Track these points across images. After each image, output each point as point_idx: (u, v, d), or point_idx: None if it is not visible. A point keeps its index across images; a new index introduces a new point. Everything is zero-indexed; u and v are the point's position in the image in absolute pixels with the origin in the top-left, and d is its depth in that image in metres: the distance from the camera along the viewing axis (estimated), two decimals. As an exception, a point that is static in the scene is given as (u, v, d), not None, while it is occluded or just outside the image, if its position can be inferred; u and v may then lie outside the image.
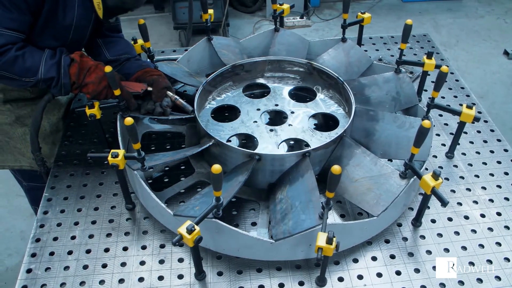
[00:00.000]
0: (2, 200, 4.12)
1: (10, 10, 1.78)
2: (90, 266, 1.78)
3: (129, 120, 1.66)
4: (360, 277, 1.73)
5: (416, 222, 1.91)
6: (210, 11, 2.52)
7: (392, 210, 1.84)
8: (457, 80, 2.69)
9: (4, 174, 2.69)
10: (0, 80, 1.97)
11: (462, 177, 2.11)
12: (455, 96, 2.56)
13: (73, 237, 1.89)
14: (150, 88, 2.14)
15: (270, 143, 2.11)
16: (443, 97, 2.53)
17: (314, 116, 2.29)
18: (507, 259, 1.78)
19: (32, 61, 1.88)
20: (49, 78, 1.92)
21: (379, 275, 1.74)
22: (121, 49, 2.30)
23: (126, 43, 2.37)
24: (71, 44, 2.03)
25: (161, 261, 1.80)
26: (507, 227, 1.90)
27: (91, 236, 1.89)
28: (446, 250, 1.82)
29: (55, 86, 1.96)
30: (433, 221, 1.93)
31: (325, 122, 2.31)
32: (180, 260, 1.80)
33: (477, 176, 2.12)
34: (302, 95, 2.46)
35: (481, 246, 1.83)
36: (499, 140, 2.29)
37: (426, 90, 2.48)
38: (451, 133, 2.27)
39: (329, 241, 1.53)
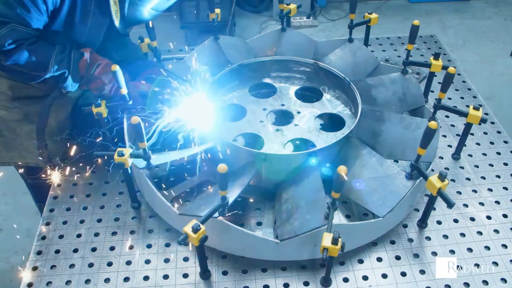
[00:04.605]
0: (8, 197, 4.13)
1: (27, 9, 1.82)
2: (96, 264, 1.79)
3: (135, 119, 1.67)
4: (365, 278, 1.73)
5: (422, 223, 1.90)
6: (217, 10, 2.52)
7: (397, 211, 1.84)
8: (464, 81, 2.68)
9: (10, 171, 2.69)
10: (11, 74, 2.01)
11: (468, 179, 2.11)
12: (462, 97, 2.55)
13: (78, 235, 1.90)
14: (156, 89, 2.15)
15: (276, 143, 2.11)
16: (449, 98, 2.52)
17: (320, 116, 2.29)
18: (513, 261, 1.78)
19: (43, 56, 1.91)
20: (59, 72, 1.95)
21: (384, 276, 1.74)
22: (129, 50, 2.32)
23: (133, 45, 2.40)
24: (85, 46, 2.06)
25: (166, 260, 1.80)
26: (513, 229, 1.89)
27: (96, 234, 1.90)
28: (452, 251, 1.81)
29: (64, 80, 1.98)
30: (439, 222, 1.92)
31: (331, 122, 2.31)
32: (185, 259, 1.81)
33: (483, 177, 2.11)
34: (308, 95, 2.45)
35: (487, 248, 1.82)
36: (505, 142, 2.28)
37: (432, 91, 2.48)
38: (458, 135, 2.26)
39: (334, 241, 1.53)
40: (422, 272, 1.75)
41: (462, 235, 1.87)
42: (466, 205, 1.99)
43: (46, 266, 1.79)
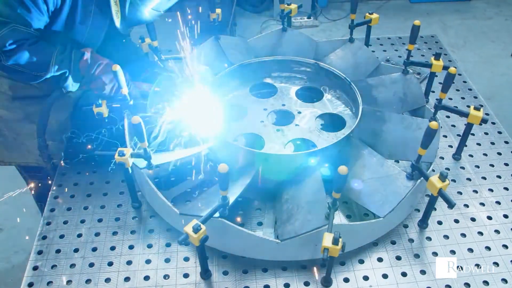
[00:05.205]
0: (8, 197, 4.12)
1: (28, 9, 1.82)
2: (96, 264, 1.79)
3: (136, 119, 1.67)
4: (365, 278, 1.73)
5: (423, 224, 1.90)
6: (218, 10, 2.52)
7: (398, 211, 1.83)
8: (464, 82, 2.67)
9: (11, 171, 2.70)
10: (11, 74, 2.02)
11: (469, 179, 2.10)
12: (463, 98, 2.55)
13: (79, 235, 1.90)
14: (157, 88, 2.15)
15: (277, 143, 2.11)
16: (450, 99, 2.52)
17: (321, 116, 2.29)
18: (514, 262, 1.78)
19: (43, 56, 1.91)
20: (60, 72, 1.95)
21: (385, 276, 1.73)
22: (129, 50, 2.33)
23: (133, 45, 2.39)
24: (85, 46, 2.06)
25: (167, 260, 1.80)
26: (514, 230, 1.89)
27: (97, 234, 1.90)
28: (453, 252, 1.81)
29: (65, 80, 1.99)
30: (440, 222, 1.92)
31: (332, 122, 2.31)
32: (186, 259, 1.80)
33: (484, 178, 2.11)
34: (309, 95, 2.45)
35: (488, 248, 1.82)
36: (506, 142, 2.28)
37: (433, 91, 2.48)
38: (458, 135, 2.26)
39: (335, 241, 1.52)
40: (423, 272, 1.75)
41: (463, 235, 1.87)
42: (466, 206, 1.99)
43: (46, 265, 1.79)
